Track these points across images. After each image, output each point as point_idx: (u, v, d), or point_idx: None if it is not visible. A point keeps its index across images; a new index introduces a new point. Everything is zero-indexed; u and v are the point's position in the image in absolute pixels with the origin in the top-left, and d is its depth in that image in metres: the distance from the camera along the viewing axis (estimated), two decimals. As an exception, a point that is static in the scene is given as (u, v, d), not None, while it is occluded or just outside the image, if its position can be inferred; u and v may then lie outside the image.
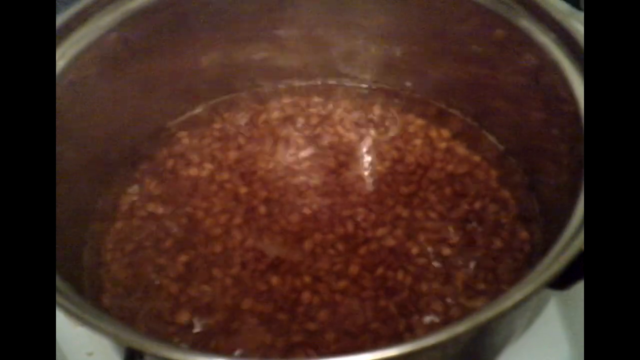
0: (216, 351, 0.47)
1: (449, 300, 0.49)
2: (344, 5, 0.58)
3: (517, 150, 0.57)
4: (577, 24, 0.48)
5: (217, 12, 0.57)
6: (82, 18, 0.50)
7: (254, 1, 0.57)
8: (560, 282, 0.39)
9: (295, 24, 0.60)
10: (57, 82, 0.48)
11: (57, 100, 0.46)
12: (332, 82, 0.65)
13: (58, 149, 0.43)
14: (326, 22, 0.60)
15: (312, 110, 0.63)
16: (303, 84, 0.64)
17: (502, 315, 0.35)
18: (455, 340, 0.33)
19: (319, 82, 0.65)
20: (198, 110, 0.63)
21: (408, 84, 0.62)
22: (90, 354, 0.51)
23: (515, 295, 0.35)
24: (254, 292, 0.50)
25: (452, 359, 0.41)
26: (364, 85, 0.65)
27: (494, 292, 0.49)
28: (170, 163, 0.59)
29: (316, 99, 0.64)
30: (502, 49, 0.52)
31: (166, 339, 0.47)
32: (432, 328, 0.47)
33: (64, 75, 0.49)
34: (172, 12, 0.54)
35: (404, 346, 0.33)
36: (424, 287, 0.50)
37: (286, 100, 0.64)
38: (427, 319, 0.48)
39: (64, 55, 0.49)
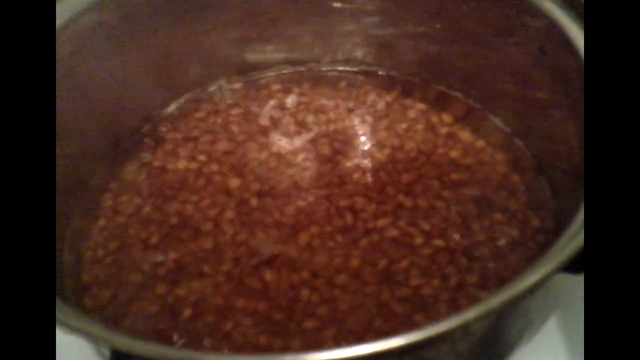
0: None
1: (458, 293, 0.46)
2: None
3: (524, 132, 0.54)
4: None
5: None
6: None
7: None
8: (576, 265, 0.36)
9: (286, 8, 0.57)
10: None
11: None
12: (325, 67, 0.62)
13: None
14: (319, 5, 0.57)
15: (305, 97, 0.60)
16: (294, 70, 0.62)
17: (516, 301, 0.32)
18: (464, 329, 0.30)
19: (312, 68, 0.62)
20: (184, 99, 0.60)
21: (406, 67, 0.60)
22: None
23: (530, 277, 0.32)
24: (248, 290, 0.47)
25: (465, 353, 0.37)
26: (359, 70, 0.62)
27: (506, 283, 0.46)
28: (155, 156, 0.56)
29: (308, 86, 0.61)
30: (506, 23, 0.49)
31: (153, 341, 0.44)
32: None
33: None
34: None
35: (413, 334, 0.30)
36: (430, 280, 0.47)
37: (277, 87, 0.61)
38: (434, 314, 0.45)
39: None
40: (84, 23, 0.48)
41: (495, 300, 0.30)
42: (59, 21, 0.47)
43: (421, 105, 0.58)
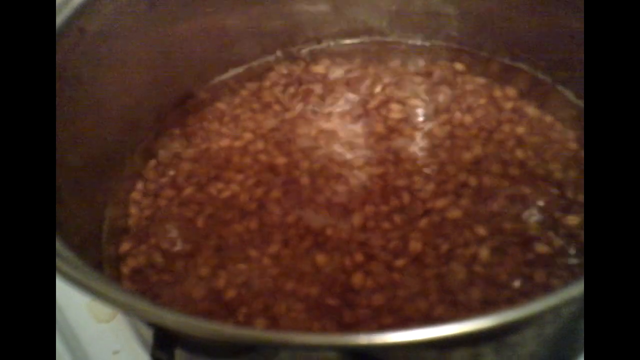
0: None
1: (530, 281, 0.42)
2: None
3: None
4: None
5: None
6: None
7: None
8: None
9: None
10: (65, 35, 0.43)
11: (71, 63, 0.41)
12: (379, 39, 0.59)
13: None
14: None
15: (358, 71, 0.57)
16: (345, 42, 0.59)
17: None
18: (553, 312, 0.26)
19: (366, 41, 0.59)
20: (228, 75, 0.58)
21: (466, 38, 0.56)
22: (116, 353, 0.48)
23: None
24: (298, 273, 0.44)
25: (551, 339, 0.33)
26: (414, 44, 0.59)
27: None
28: (199, 133, 0.54)
29: (361, 60, 0.58)
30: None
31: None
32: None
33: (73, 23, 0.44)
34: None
35: (489, 318, 0.26)
36: (496, 265, 0.43)
37: (326, 61, 0.58)
38: (502, 298, 0.41)
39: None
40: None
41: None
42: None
43: (482, 79, 0.55)
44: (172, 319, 0.29)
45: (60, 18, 0.43)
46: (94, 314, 0.49)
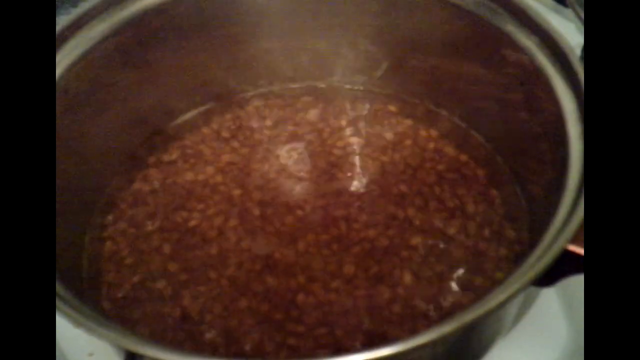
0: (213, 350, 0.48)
1: (439, 299, 0.50)
2: (327, 8, 0.59)
3: (504, 149, 0.58)
4: (562, 25, 0.49)
5: (210, 17, 0.57)
6: (75, 27, 0.51)
7: (242, 7, 0.58)
8: (546, 279, 0.40)
9: (281, 29, 0.61)
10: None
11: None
12: (321, 85, 0.66)
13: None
14: (311, 26, 0.61)
15: (303, 113, 0.64)
16: (293, 86, 0.65)
17: (489, 314, 0.36)
18: (442, 339, 0.34)
19: (308, 85, 0.65)
20: (190, 114, 0.64)
21: (395, 85, 0.64)
22: (90, 355, 0.52)
23: (501, 295, 0.37)
24: (250, 293, 0.51)
25: (443, 355, 0.42)
26: (353, 88, 0.66)
27: (483, 291, 0.50)
28: (164, 168, 0.60)
29: (306, 102, 0.65)
30: (488, 52, 0.53)
31: (165, 338, 0.49)
32: (423, 327, 0.49)
33: (58, 84, 0.49)
34: (163, 18, 0.55)
35: (394, 346, 0.35)
36: (415, 286, 0.51)
37: (277, 102, 0.65)
38: (419, 315, 0.50)
39: (58, 64, 0.50)
40: (103, 49, 0.52)
41: (471, 314, 0.35)
42: (78, 51, 0.51)
43: (410, 121, 0.62)
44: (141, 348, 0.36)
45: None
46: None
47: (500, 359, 0.50)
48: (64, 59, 0.50)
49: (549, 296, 0.53)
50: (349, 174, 0.59)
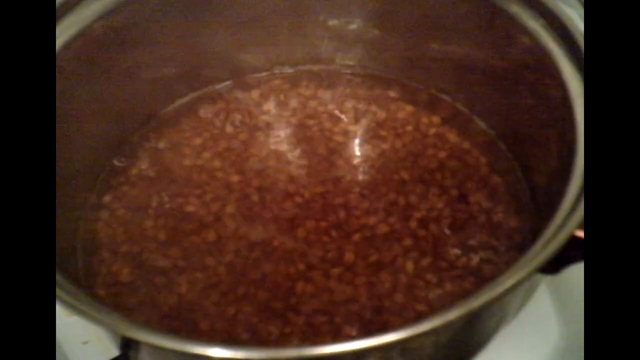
0: (210, 338, 0.47)
1: (441, 287, 0.49)
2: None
3: (507, 135, 0.58)
4: (567, 10, 0.48)
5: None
6: (71, 4, 0.50)
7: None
8: (552, 266, 0.40)
9: (281, 13, 0.59)
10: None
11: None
12: (321, 68, 0.64)
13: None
14: (312, 7, 0.60)
15: (302, 98, 0.62)
16: (291, 70, 0.64)
17: (494, 301, 0.36)
18: (447, 326, 0.34)
19: (308, 69, 0.64)
20: (186, 99, 0.63)
21: (397, 70, 0.62)
22: (85, 343, 0.51)
23: (507, 281, 0.36)
24: (248, 280, 0.50)
25: (446, 344, 0.42)
26: (354, 72, 0.64)
27: (487, 279, 0.50)
28: (160, 153, 0.59)
29: (305, 87, 0.63)
30: (493, 35, 0.52)
31: (161, 325, 0.48)
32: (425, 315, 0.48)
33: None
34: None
35: (397, 333, 0.34)
36: (416, 275, 0.50)
37: (275, 87, 0.63)
38: (421, 302, 0.49)
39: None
40: (96, 29, 0.51)
41: (476, 301, 0.34)
42: (72, 30, 0.49)
43: (411, 107, 0.61)
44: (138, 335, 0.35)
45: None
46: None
47: (493, 358, 0.49)
48: (60, 36, 0.49)
49: (541, 295, 0.52)
50: (349, 161, 0.58)
